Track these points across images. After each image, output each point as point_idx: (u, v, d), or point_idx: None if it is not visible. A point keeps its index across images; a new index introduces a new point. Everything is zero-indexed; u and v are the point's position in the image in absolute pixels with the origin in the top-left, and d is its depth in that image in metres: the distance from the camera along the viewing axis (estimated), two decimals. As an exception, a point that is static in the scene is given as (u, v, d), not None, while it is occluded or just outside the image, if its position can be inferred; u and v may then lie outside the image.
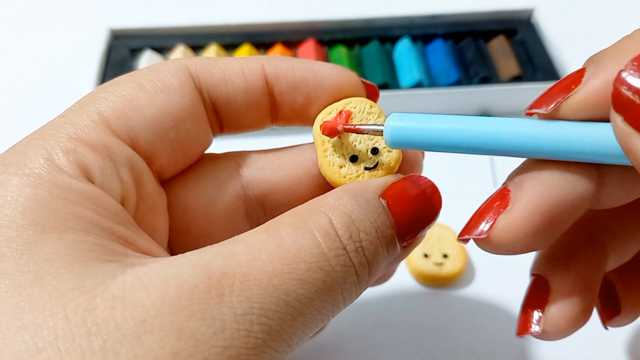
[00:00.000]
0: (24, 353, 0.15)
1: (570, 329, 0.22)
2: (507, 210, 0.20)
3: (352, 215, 0.20)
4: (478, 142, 0.20)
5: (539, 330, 0.22)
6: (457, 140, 0.20)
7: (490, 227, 0.20)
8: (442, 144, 0.20)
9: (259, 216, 0.25)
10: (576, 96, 0.18)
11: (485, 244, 0.20)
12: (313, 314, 0.18)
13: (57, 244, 0.17)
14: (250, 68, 0.23)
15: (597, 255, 0.23)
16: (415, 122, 0.21)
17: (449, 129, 0.20)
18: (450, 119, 0.20)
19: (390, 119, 0.21)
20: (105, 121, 0.20)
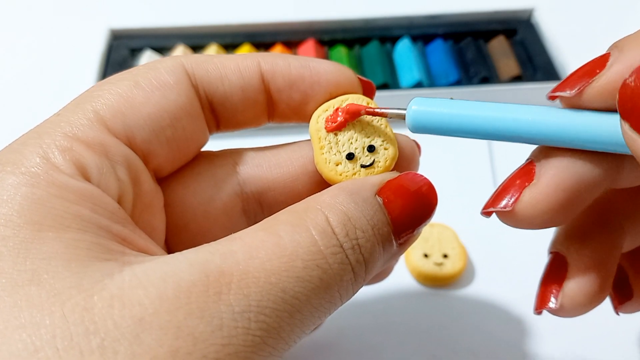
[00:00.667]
0: (22, 352, 0.15)
1: (587, 305, 0.22)
2: (532, 184, 0.20)
3: (348, 213, 0.20)
4: (499, 129, 0.20)
5: (557, 305, 0.22)
6: (478, 127, 0.20)
7: (515, 200, 0.20)
8: (463, 130, 0.21)
9: (256, 213, 0.25)
10: (600, 80, 0.18)
11: (509, 218, 0.21)
12: (310, 311, 0.18)
13: (55, 243, 0.17)
14: (246, 65, 0.23)
15: (614, 234, 0.23)
16: (438, 107, 0.21)
17: (470, 115, 0.20)
18: (473, 105, 0.21)
19: (413, 103, 0.21)
20: (101, 119, 0.20)
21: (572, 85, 0.19)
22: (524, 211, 0.20)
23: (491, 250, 0.42)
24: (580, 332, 0.37)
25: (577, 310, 0.22)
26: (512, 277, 0.40)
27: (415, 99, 0.22)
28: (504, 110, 0.20)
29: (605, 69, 0.18)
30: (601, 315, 0.38)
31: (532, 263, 0.24)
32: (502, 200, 0.21)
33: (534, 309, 0.23)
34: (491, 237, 0.43)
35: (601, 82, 0.18)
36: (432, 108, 0.21)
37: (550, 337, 0.37)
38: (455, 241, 0.41)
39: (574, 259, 0.23)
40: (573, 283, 0.22)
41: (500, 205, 0.21)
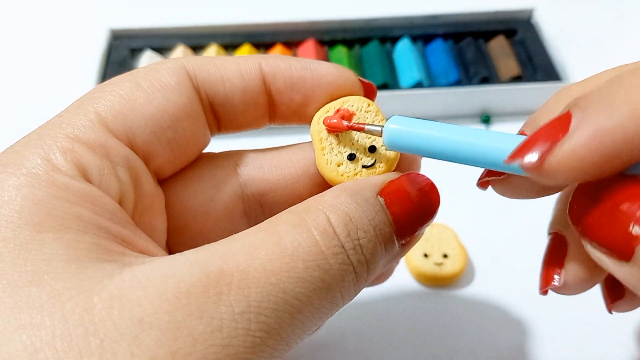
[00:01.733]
0: (22, 353, 0.15)
1: (589, 280, 0.22)
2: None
3: (350, 214, 0.20)
4: (473, 155, 0.20)
5: (561, 283, 0.22)
6: (451, 151, 0.20)
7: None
8: (437, 153, 0.21)
9: (257, 215, 0.25)
10: (563, 148, 0.17)
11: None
12: (311, 312, 0.18)
13: (55, 244, 0.17)
14: (247, 67, 0.23)
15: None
16: (415, 127, 0.21)
17: (445, 138, 0.20)
18: (448, 128, 0.21)
19: (391, 122, 0.21)
20: (102, 121, 0.20)
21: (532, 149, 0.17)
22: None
23: (491, 250, 0.42)
24: (580, 332, 0.37)
25: (580, 286, 0.22)
26: (512, 277, 0.40)
27: (393, 116, 0.22)
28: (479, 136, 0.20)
29: (567, 134, 0.17)
30: (601, 315, 0.38)
31: (532, 263, 0.24)
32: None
33: (539, 289, 0.23)
34: (491, 237, 0.43)
35: (565, 151, 0.17)
36: (409, 128, 0.21)
37: (550, 337, 0.37)
38: (455, 241, 0.41)
39: (573, 237, 0.23)
40: (575, 260, 0.22)
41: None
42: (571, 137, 0.17)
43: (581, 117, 0.17)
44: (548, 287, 0.23)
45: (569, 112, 0.17)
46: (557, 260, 0.23)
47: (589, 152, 0.16)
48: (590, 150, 0.16)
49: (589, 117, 0.17)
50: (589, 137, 0.16)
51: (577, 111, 0.17)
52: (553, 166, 0.17)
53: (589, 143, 0.16)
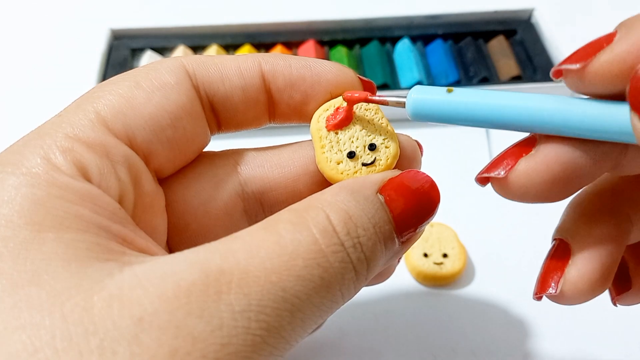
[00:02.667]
0: (22, 352, 0.15)
1: (587, 293, 0.22)
2: (529, 155, 0.20)
3: (349, 212, 0.20)
4: (499, 117, 0.20)
5: (556, 291, 0.22)
6: (477, 115, 0.20)
7: (510, 168, 0.20)
8: (462, 118, 0.21)
9: (257, 214, 0.25)
10: (605, 55, 0.18)
11: (502, 186, 0.21)
12: (312, 310, 0.18)
13: (55, 243, 0.17)
14: (247, 65, 0.23)
15: (621, 224, 0.23)
16: (438, 95, 0.21)
17: (470, 102, 0.20)
18: (472, 92, 0.21)
19: (414, 91, 0.21)
20: (102, 120, 0.20)
21: (577, 59, 0.19)
22: (517, 180, 0.20)
23: (491, 250, 0.42)
24: (580, 332, 0.37)
25: (576, 297, 0.22)
26: (512, 276, 0.40)
27: (415, 87, 0.22)
28: (504, 98, 0.20)
29: (612, 43, 0.18)
30: (601, 314, 0.38)
31: (532, 263, 0.24)
32: (498, 168, 0.21)
33: (533, 294, 0.23)
34: (491, 236, 0.43)
35: (606, 57, 0.18)
36: (432, 96, 0.21)
37: (550, 336, 0.37)
38: (455, 241, 0.41)
39: (578, 246, 0.22)
40: (575, 270, 0.22)
41: (495, 172, 0.21)
42: (614, 44, 0.18)
43: (625, 31, 0.18)
44: (543, 294, 0.23)
45: (615, 31, 0.19)
46: (557, 267, 0.22)
47: (630, 58, 0.17)
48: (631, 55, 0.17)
49: (633, 31, 0.18)
50: (631, 46, 0.17)
51: (622, 28, 0.18)
52: (595, 69, 0.18)
53: (631, 50, 0.17)
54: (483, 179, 0.21)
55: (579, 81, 0.19)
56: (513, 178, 0.20)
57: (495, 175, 0.21)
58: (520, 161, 0.20)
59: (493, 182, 0.21)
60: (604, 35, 0.19)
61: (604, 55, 0.18)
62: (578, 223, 0.23)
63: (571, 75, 0.19)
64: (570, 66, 0.19)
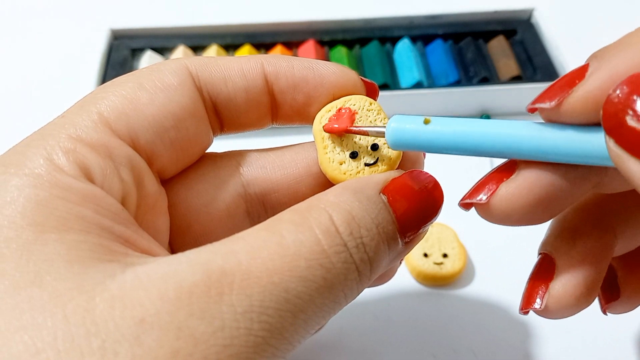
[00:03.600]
0: (23, 353, 0.15)
1: (572, 307, 0.22)
2: (510, 179, 0.20)
3: (352, 212, 0.20)
4: (478, 145, 0.20)
5: (541, 306, 0.22)
6: (457, 143, 0.20)
7: (492, 194, 0.21)
8: (442, 147, 0.21)
9: (259, 215, 0.25)
10: (579, 91, 0.18)
11: (485, 211, 0.21)
12: (314, 311, 0.18)
13: (57, 244, 0.17)
14: (250, 67, 0.23)
15: (605, 237, 0.23)
16: (416, 125, 0.21)
17: (450, 131, 0.20)
18: (451, 122, 0.21)
19: (392, 121, 0.21)
20: (105, 121, 0.20)
21: (551, 96, 0.19)
22: (498, 205, 0.20)
23: (491, 250, 0.42)
24: (580, 332, 0.37)
25: (562, 312, 0.22)
26: (512, 276, 0.40)
27: (395, 116, 0.22)
28: (481, 126, 0.20)
29: (584, 79, 0.18)
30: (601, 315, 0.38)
31: (531, 263, 0.24)
32: (480, 193, 0.21)
33: (519, 309, 0.23)
34: (491, 237, 0.43)
35: (580, 92, 0.18)
36: (410, 126, 0.21)
37: (550, 336, 0.37)
38: (455, 241, 0.41)
39: (562, 261, 0.23)
40: (559, 285, 0.22)
41: (477, 198, 0.21)
42: (586, 81, 0.18)
43: (597, 65, 0.18)
44: (529, 309, 0.23)
45: (586, 64, 0.19)
46: (542, 282, 0.23)
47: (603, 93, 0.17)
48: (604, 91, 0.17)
49: (604, 64, 0.18)
50: (604, 79, 0.17)
51: (594, 61, 0.18)
52: (569, 106, 0.18)
53: (604, 85, 0.17)
54: (466, 205, 0.22)
55: (554, 117, 0.19)
56: (495, 203, 0.21)
57: (477, 201, 0.21)
58: (501, 186, 0.21)
59: (476, 207, 0.21)
60: (575, 70, 0.19)
61: (576, 92, 0.18)
62: (562, 237, 0.23)
63: (546, 113, 0.19)
64: (544, 105, 0.19)
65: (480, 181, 0.22)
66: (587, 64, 0.19)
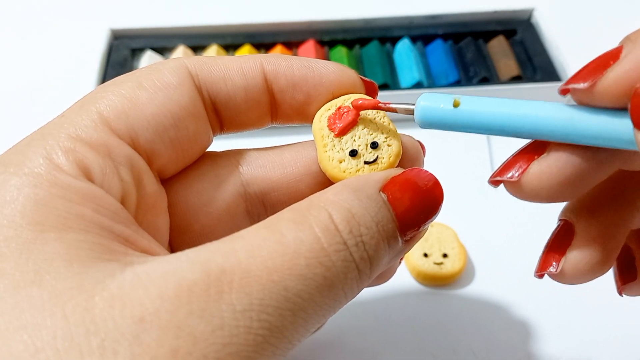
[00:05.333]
0: (23, 353, 0.15)
1: (587, 274, 0.22)
2: (541, 157, 0.21)
3: (352, 210, 0.19)
4: (508, 126, 0.20)
5: (557, 270, 0.23)
6: (488, 125, 0.21)
7: (523, 171, 0.21)
8: (472, 127, 0.21)
9: (259, 214, 0.25)
10: (613, 72, 0.18)
11: (515, 188, 0.21)
12: (314, 309, 0.18)
13: (57, 243, 0.17)
14: (249, 66, 0.23)
15: (624, 209, 0.23)
16: (447, 103, 0.21)
17: (481, 113, 0.21)
18: (482, 102, 0.21)
19: (422, 99, 0.21)
20: (105, 120, 0.20)
21: (584, 77, 0.19)
22: (529, 183, 0.21)
23: (491, 250, 0.42)
24: (580, 332, 0.37)
25: (577, 277, 0.23)
26: (512, 276, 0.40)
27: (423, 94, 0.22)
28: (513, 107, 0.20)
29: (618, 60, 0.18)
30: (600, 313, 0.38)
31: (531, 263, 0.24)
32: (510, 170, 0.21)
33: (534, 272, 0.24)
34: (491, 237, 0.43)
35: (615, 74, 0.18)
36: (441, 105, 0.21)
37: (550, 336, 0.37)
38: (455, 241, 0.41)
39: (582, 228, 0.23)
40: (577, 250, 0.22)
41: (507, 175, 0.21)
42: (621, 62, 0.18)
43: (632, 47, 0.18)
44: (544, 272, 0.23)
45: (620, 46, 0.18)
46: (560, 247, 0.23)
47: (637, 75, 0.17)
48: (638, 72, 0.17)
49: (639, 46, 0.18)
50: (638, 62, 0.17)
51: (628, 43, 0.18)
52: (603, 88, 0.18)
53: (638, 66, 0.17)
54: (496, 182, 0.22)
55: (586, 98, 0.19)
56: (526, 180, 0.21)
57: (508, 179, 0.21)
58: (532, 164, 0.21)
59: (506, 184, 0.22)
60: (609, 51, 0.19)
61: (611, 74, 0.18)
62: (582, 205, 0.23)
63: (579, 94, 0.19)
64: (577, 85, 0.19)
65: (509, 160, 0.22)
66: (621, 46, 0.19)
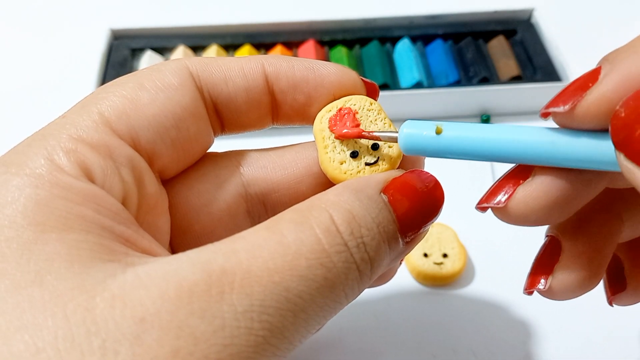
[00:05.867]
0: (24, 353, 0.15)
1: (576, 290, 0.22)
2: (526, 182, 0.21)
3: (353, 211, 0.20)
4: (492, 152, 0.20)
5: (545, 287, 0.23)
6: (471, 151, 0.21)
7: (509, 197, 0.21)
8: (455, 153, 0.21)
9: (260, 215, 0.25)
10: (593, 94, 0.18)
11: (503, 214, 0.21)
12: (315, 310, 0.18)
13: (58, 244, 0.17)
14: (250, 67, 0.24)
15: (612, 222, 0.23)
16: (429, 131, 0.21)
17: (463, 139, 0.21)
18: (464, 128, 0.21)
19: (405, 126, 0.22)
20: (106, 121, 0.20)
21: (564, 100, 0.19)
22: (516, 208, 0.21)
23: (491, 250, 0.42)
24: (580, 332, 0.37)
25: (565, 294, 0.23)
26: (512, 276, 0.40)
27: (407, 121, 0.22)
28: (495, 133, 0.20)
29: (597, 82, 0.18)
30: (601, 314, 0.38)
31: (531, 263, 0.24)
32: (497, 196, 0.21)
33: (523, 289, 0.24)
34: (491, 237, 0.43)
35: (594, 96, 0.18)
36: (423, 132, 0.21)
37: (550, 337, 0.37)
38: (455, 241, 0.41)
39: (568, 244, 0.23)
40: (564, 267, 0.23)
41: (494, 201, 0.21)
42: (599, 85, 0.18)
43: (609, 68, 0.18)
44: (533, 290, 0.23)
45: (598, 67, 0.19)
46: (548, 264, 0.23)
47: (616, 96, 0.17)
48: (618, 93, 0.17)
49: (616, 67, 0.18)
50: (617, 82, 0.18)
51: (606, 64, 0.18)
52: (583, 110, 0.18)
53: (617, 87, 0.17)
54: (483, 208, 0.22)
55: (567, 121, 0.19)
56: (513, 206, 0.21)
57: (495, 205, 0.21)
58: (518, 189, 0.21)
59: (493, 210, 0.22)
60: (587, 73, 0.19)
61: (590, 96, 0.18)
62: (569, 220, 0.23)
63: (560, 117, 0.19)
64: (557, 109, 0.19)
65: (495, 185, 0.22)
66: (599, 67, 0.19)
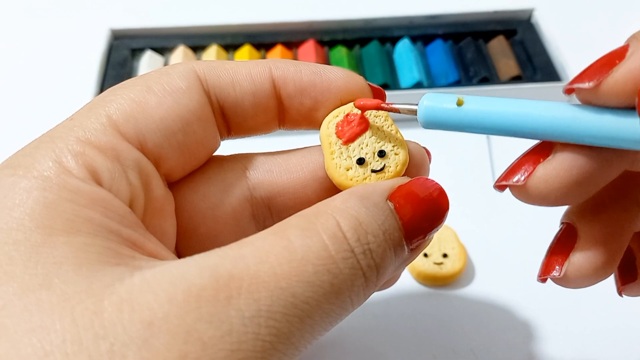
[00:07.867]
0: (32, 356, 0.15)
1: (591, 277, 0.22)
2: (547, 160, 0.20)
3: (359, 218, 0.20)
4: (513, 127, 0.20)
5: (560, 274, 0.22)
6: (492, 125, 0.20)
7: (528, 175, 0.20)
8: (476, 127, 0.21)
9: (265, 218, 0.25)
10: (620, 71, 0.18)
11: (521, 193, 0.21)
12: (321, 316, 0.18)
13: (65, 247, 0.17)
14: (257, 71, 0.24)
15: (628, 210, 0.23)
16: (450, 104, 0.21)
17: (485, 113, 0.20)
18: (486, 102, 0.20)
19: (425, 99, 0.21)
20: (113, 124, 0.20)
21: (590, 77, 0.19)
22: (536, 186, 0.20)
23: (491, 250, 0.42)
24: (581, 332, 0.38)
25: (580, 281, 0.22)
26: (512, 276, 0.40)
27: (427, 94, 0.21)
28: (517, 107, 0.20)
29: (624, 59, 0.18)
30: (601, 313, 0.38)
31: (532, 263, 0.24)
32: (516, 175, 0.21)
33: (537, 277, 0.23)
34: (491, 237, 0.43)
35: (621, 72, 0.18)
36: (444, 105, 0.21)
37: (550, 337, 0.37)
38: (455, 241, 0.41)
39: (585, 231, 0.23)
40: (580, 254, 0.22)
41: (513, 180, 0.21)
42: (627, 61, 0.18)
43: (638, 45, 0.18)
44: (547, 276, 0.23)
45: (626, 44, 0.18)
46: (563, 250, 0.23)
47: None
48: None
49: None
50: None
51: (634, 41, 0.18)
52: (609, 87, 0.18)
53: None
54: (501, 187, 0.22)
55: (592, 97, 0.19)
56: (532, 184, 0.20)
57: (514, 183, 0.21)
58: (538, 167, 0.20)
59: (512, 189, 0.21)
60: (615, 50, 0.19)
61: (617, 72, 0.18)
62: (585, 207, 0.23)
63: (584, 94, 0.19)
64: (582, 85, 0.19)
65: (514, 163, 0.21)
66: (627, 44, 0.18)
